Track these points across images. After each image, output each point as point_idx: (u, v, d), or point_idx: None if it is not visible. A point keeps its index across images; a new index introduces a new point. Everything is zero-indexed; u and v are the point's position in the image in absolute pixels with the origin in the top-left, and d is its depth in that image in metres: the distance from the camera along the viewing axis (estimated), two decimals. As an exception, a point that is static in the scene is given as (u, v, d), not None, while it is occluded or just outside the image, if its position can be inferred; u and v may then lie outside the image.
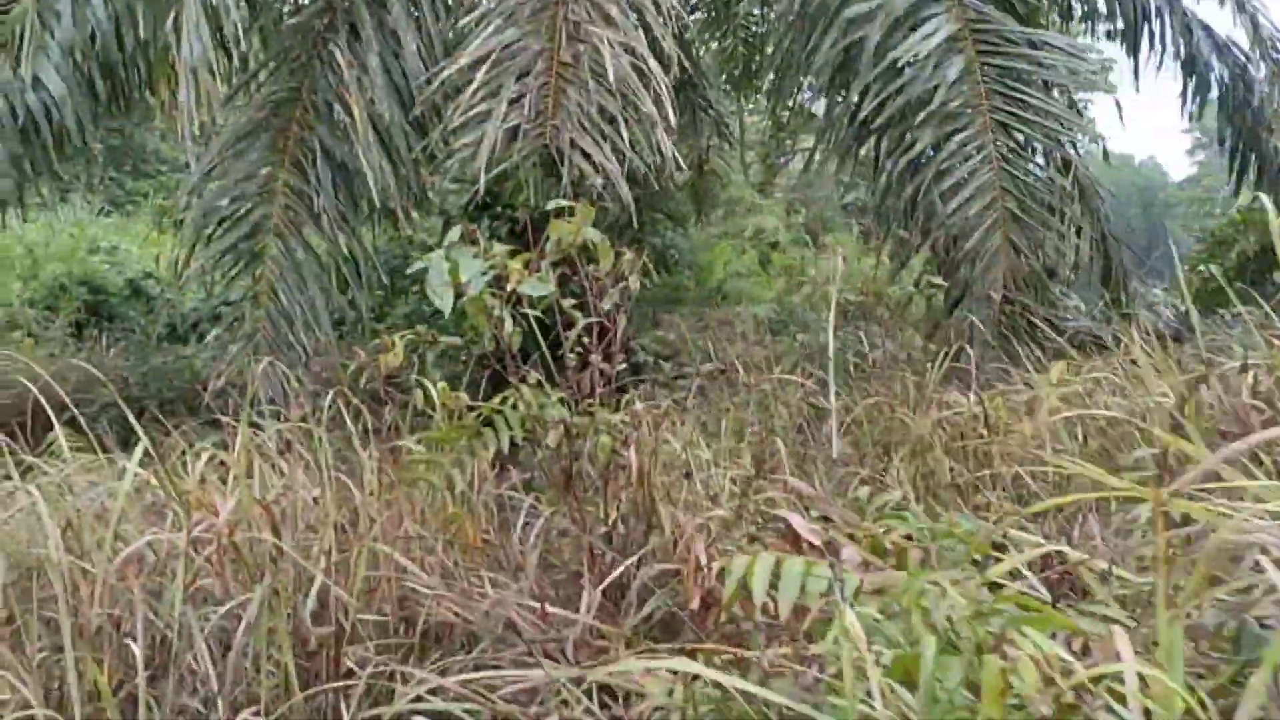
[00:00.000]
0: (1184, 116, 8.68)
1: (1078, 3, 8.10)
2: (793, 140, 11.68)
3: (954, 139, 5.33)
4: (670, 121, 4.96)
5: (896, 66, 5.46)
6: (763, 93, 10.96)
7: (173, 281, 6.72)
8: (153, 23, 5.15)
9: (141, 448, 2.54)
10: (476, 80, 4.97)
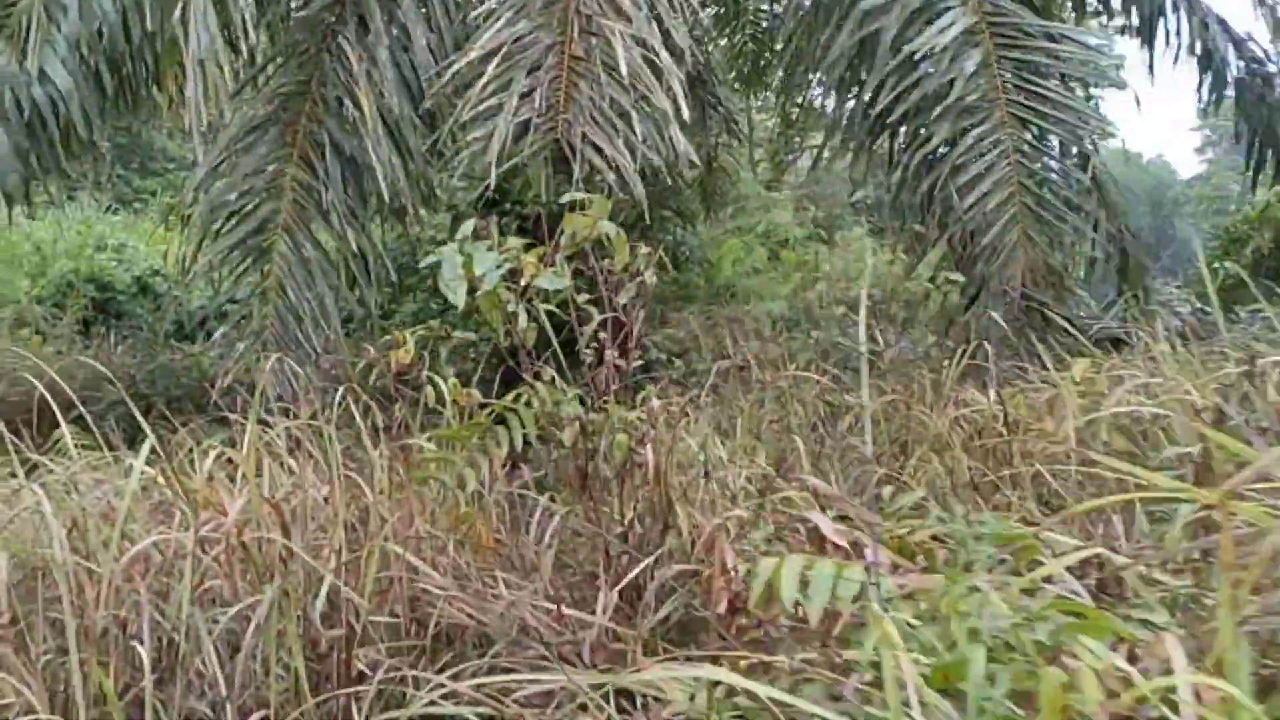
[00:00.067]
0: (1200, 112, 8.59)
1: (1093, -3, 8.02)
2: (801, 138, 11.61)
3: (971, 133, 5.25)
4: (684, 115, 4.89)
5: (913, 59, 5.38)
6: (772, 89, 10.89)
7: (180, 278, 6.66)
8: (160, 15, 5.09)
9: (148, 446, 2.48)
10: (487, 74, 4.90)
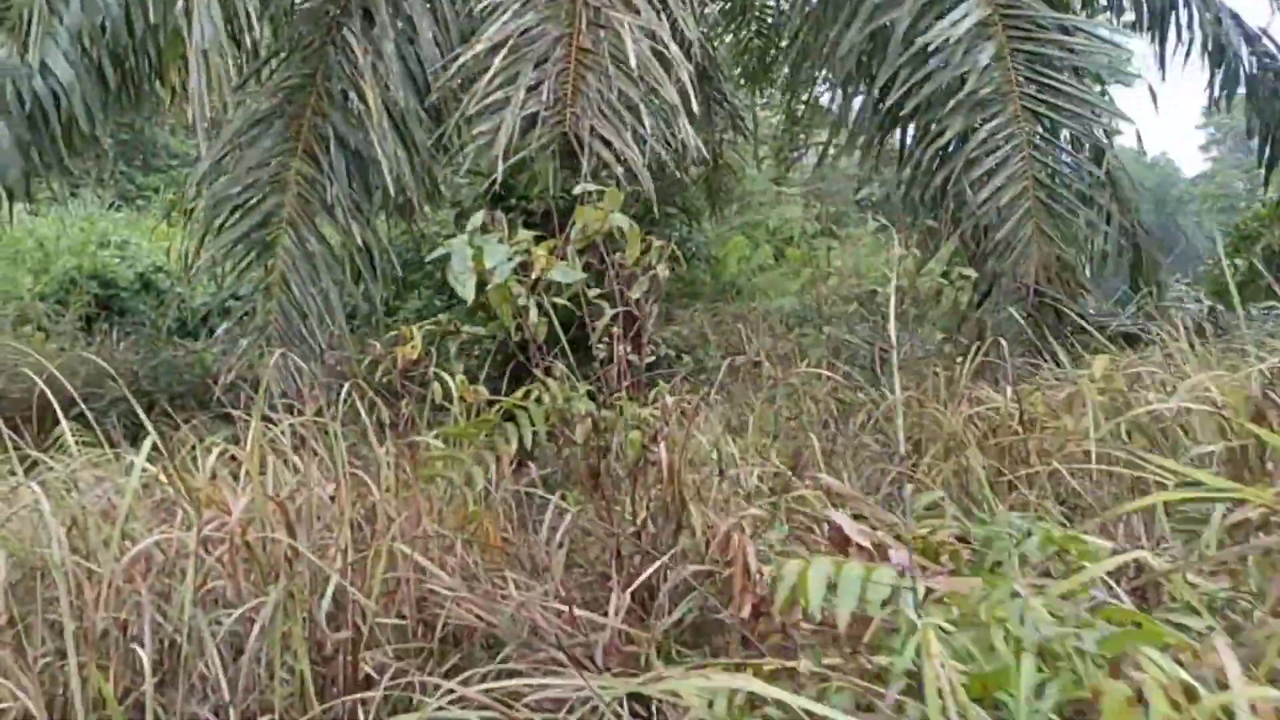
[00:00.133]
0: (1211, 108, 8.51)
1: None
2: (806, 134, 11.55)
3: (985, 127, 5.17)
4: (694, 109, 4.82)
5: (925, 53, 5.31)
6: (777, 86, 10.83)
7: (183, 275, 6.60)
8: (162, 7, 5.03)
9: (149, 443, 2.42)
10: (494, 67, 4.84)
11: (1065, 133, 5.71)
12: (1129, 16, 8.14)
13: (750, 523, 2.85)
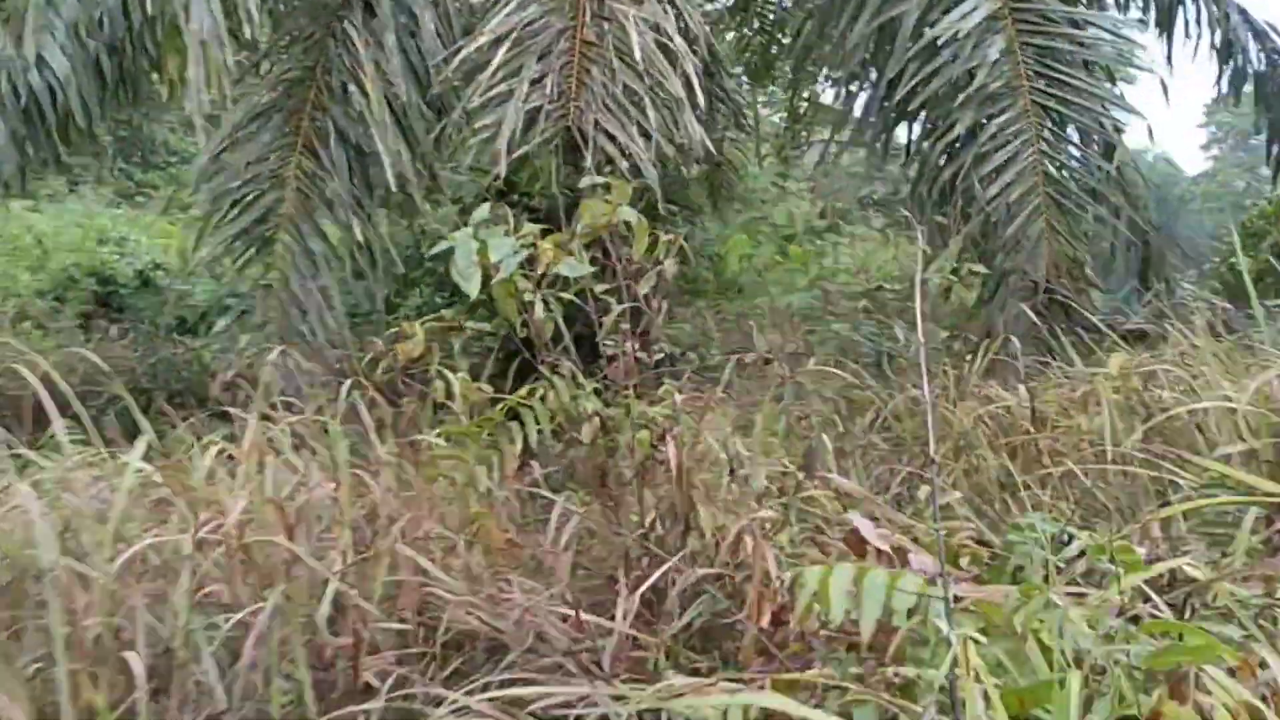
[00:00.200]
0: (1206, 108, 8.44)
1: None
2: (808, 132, 11.47)
3: (994, 121, 5.10)
4: (699, 103, 4.75)
5: (934, 47, 5.23)
6: (779, 84, 10.75)
7: (181, 271, 6.54)
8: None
9: (143, 442, 2.35)
10: (496, 60, 4.77)
11: (1074, 127, 5.63)
12: (1135, 14, 8.07)
13: (762, 524, 2.78)
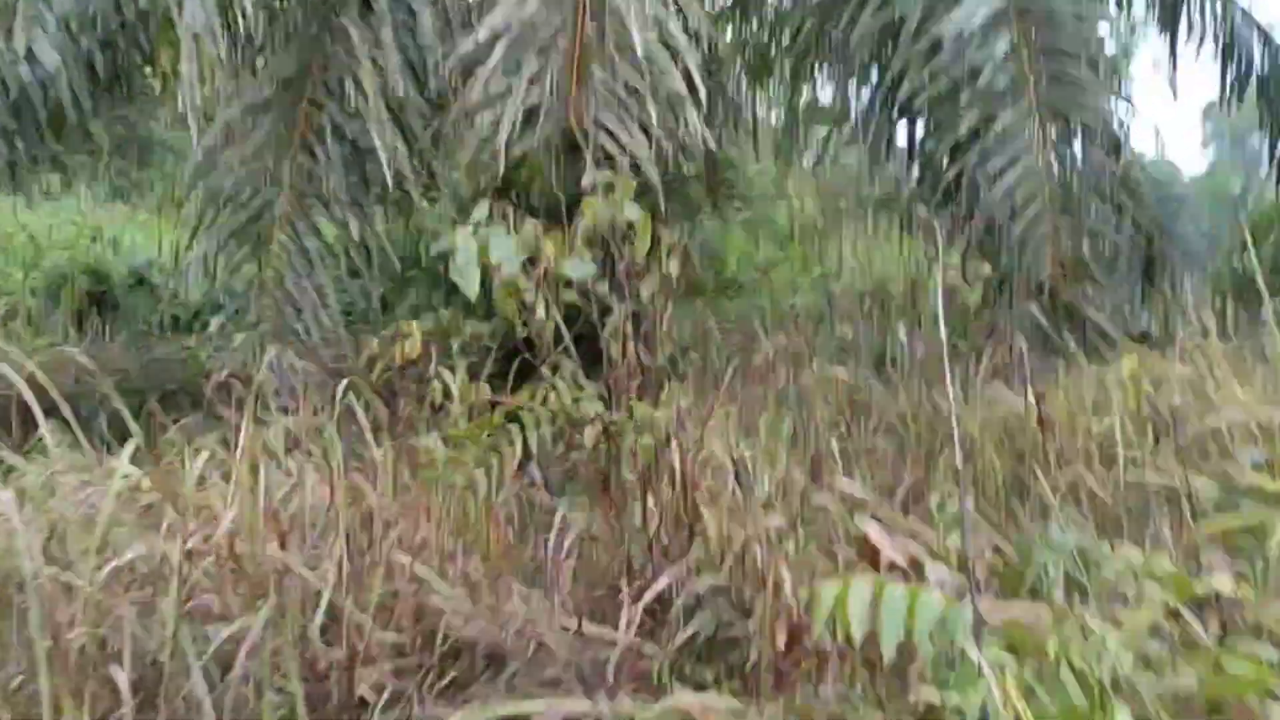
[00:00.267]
0: (1221, 104, 8.39)
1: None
2: (808, 130, 11.39)
3: (999, 120, 5.03)
4: (701, 100, 4.68)
5: (938, 44, 5.15)
6: (779, 83, 10.66)
7: (174, 270, 6.45)
8: (152, -9, 4.88)
9: (131, 446, 2.27)
10: (495, 56, 4.68)
11: (1079, 126, 5.56)
12: (1137, 12, 8.02)
13: (769, 532, 2.71)
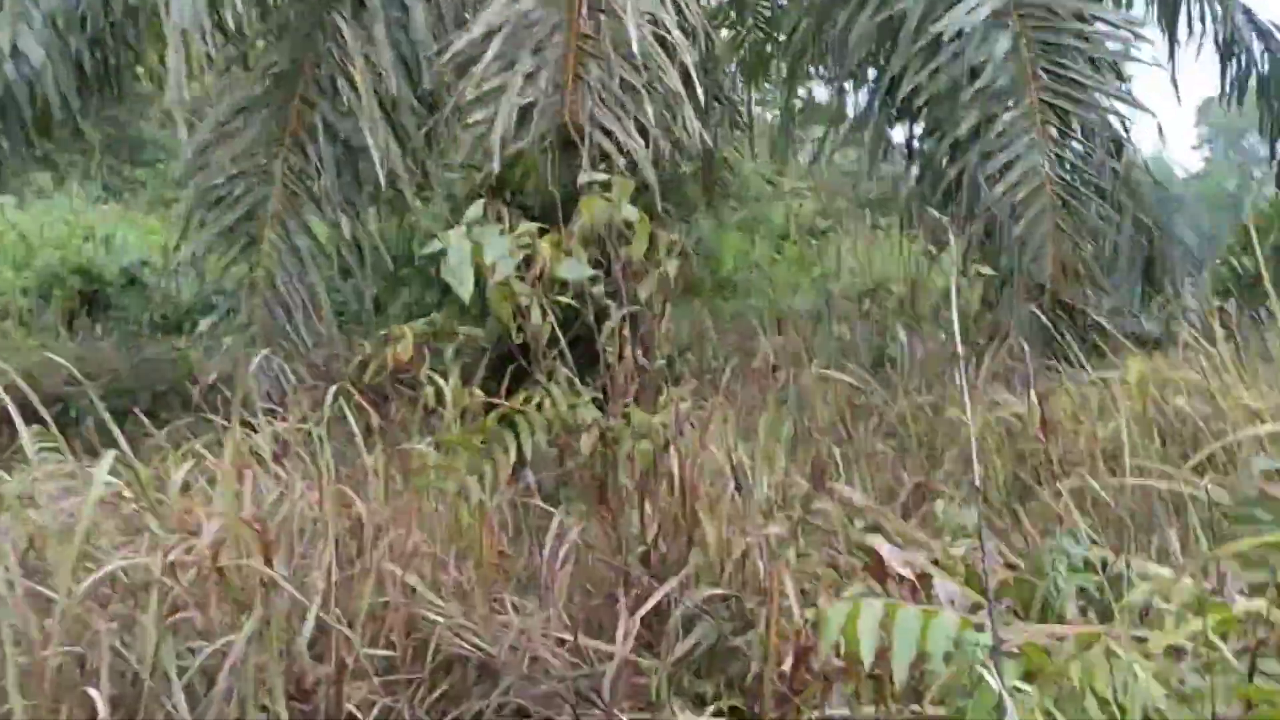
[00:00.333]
0: (1221, 102, 8.34)
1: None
2: (805, 129, 11.35)
3: (1000, 119, 4.97)
4: (699, 98, 4.61)
5: (938, 43, 5.09)
6: (775, 82, 10.62)
7: (165, 270, 6.38)
8: (141, -14, 4.80)
9: (111, 454, 2.20)
10: (489, 53, 4.62)
11: (1080, 126, 5.51)
12: (1138, 11, 7.96)
13: (769, 541, 2.64)
